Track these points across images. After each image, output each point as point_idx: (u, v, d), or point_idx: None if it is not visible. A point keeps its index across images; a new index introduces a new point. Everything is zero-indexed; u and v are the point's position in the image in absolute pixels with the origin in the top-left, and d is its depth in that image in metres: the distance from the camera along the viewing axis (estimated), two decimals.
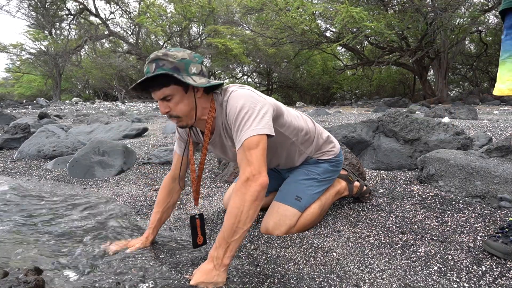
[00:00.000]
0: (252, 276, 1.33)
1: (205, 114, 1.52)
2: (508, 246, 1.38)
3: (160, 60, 1.35)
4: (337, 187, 1.98)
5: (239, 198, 1.27)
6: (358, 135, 3.16)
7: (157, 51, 1.39)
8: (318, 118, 7.62)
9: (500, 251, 1.39)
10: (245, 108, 1.38)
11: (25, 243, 1.62)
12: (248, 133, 1.34)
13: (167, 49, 1.41)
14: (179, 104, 1.42)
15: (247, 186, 1.28)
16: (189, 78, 1.37)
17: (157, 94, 1.40)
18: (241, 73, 23.39)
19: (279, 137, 1.64)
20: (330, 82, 21.34)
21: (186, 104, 1.43)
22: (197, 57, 1.44)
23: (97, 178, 3.03)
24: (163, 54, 1.37)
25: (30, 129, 4.66)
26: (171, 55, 1.36)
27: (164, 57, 1.36)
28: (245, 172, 1.30)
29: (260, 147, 1.33)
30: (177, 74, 1.35)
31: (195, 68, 1.40)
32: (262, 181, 1.29)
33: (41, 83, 23.77)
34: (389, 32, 10.86)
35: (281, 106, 1.63)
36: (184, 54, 1.39)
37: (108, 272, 1.32)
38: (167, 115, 1.45)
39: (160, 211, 1.72)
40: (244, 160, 1.32)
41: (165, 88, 1.38)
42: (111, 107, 13.10)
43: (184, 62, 1.38)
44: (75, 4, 19.75)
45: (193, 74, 1.39)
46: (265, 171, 1.32)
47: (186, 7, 17.33)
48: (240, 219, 1.26)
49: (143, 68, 1.46)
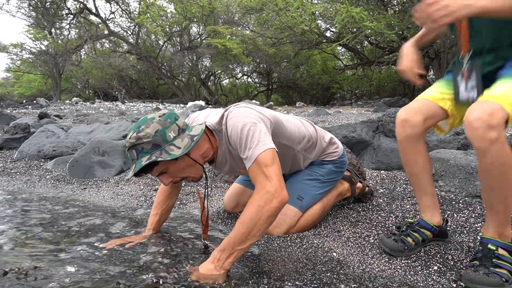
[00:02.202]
0: (252, 276, 1.33)
1: (207, 154, 1.50)
2: (396, 243, 1.51)
3: (137, 146, 1.32)
4: (340, 189, 1.97)
5: (256, 210, 1.25)
6: (358, 135, 3.16)
7: (129, 137, 1.34)
8: (318, 118, 7.61)
9: (388, 247, 1.53)
10: (247, 125, 1.36)
11: (25, 242, 1.61)
12: (259, 149, 1.31)
13: (136, 129, 1.34)
14: (177, 171, 1.41)
15: (267, 199, 1.25)
16: (173, 147, 1.33)
17: (153, 173, 1.40)
18: (241, 73, 23.38)
19: (282, 149, 1.63)
20: (330, 82, 21.30)
21: (184, 167, 1.41)
22: (168, 117, 1.37)
23: (97, 178, 3.03)
24: (136, 139, 1.31)
25: (30, 129, 4.66)
26: (144, 136, 1.31)
27: (139, 141, 1.31)
28: (265, 186, 1.27)
29: (276, 162, 1.31)
30: (159, 151, 1.31)
31: (172, 132, 1.36)
32: (283, 197, 1.27)
33: (41, 83, 23.75)
34: (389, 32, 10.85)
35: (279, 116, 1.60)
36: (155, 126, 1.33)
37: (108, 267, 1.32)
38: (173, 183, 1.46)
39: (158, 213, 1.72)
40: (261, 175, 1.29)
41: (156, 167, 1.37)
42: (111, 107, 13.09)
43: (160, 134, 1.33)
44: (75, 3, 19.75)
45: (173, 139, 1.35)
46: (285, 187, 1.30)
47: (186, 7, 17.32)
48: (252, 231, 1.25)
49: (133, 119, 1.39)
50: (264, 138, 1.34)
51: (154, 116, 1.37)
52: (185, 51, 19.91)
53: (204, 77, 21.24)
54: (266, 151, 1.31)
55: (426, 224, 1.53)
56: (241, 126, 1.36)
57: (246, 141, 1.34)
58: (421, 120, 1.44)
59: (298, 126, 1.73)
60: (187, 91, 21.01)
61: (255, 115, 1.42)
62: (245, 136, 1.35)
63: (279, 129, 1.58)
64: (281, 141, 1.61)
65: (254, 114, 1.42)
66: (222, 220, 2.02)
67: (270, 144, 1.34)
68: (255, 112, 1.44)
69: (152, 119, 1.36)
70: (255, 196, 1.28)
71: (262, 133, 1.35)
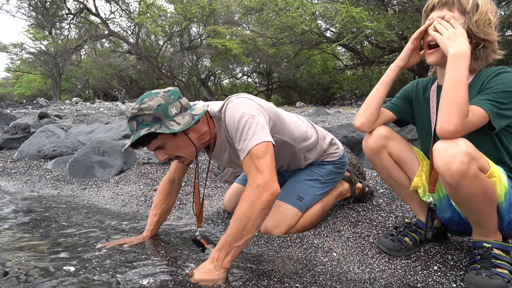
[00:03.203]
0: (252, 276, 1.33)
1: (204, 137, 1.50)
2: (393, 243, 1.52)
3: (138, 117, 1.33)
4: (340, 189, 1.97)
5: (248, 205, 1.25)
6: (358, 135, 3.16)
7: (132, 108, 1.36)
8: (318, 118, 7.61)
9: (385, 247, 1.53)
10: (244, 116, 1.36)
11: (25, 242, 1.61)
12: (253, 141, 1.32)
13: (139, 101, 1.36)
14: (173, 148, 1.42)
15: (258, 193, 1.25)
16: (173, 123, 1.35)
17: (150, 147, 1.41)
18: (241, 73, 23.39)
19: (282, 145, 1.63)
20: (330, 82, 21.31)
21: (181, 145, 1.42)
22: (172, 94, 1.39)
23: (97, 178, 3.03)
24: (138, 110, 1.33)
25: (30, 129, 4.66)
26: (146, 108, 1.33)
27: (140, 112, 1.33)
28: (256, 179, 1.28)
29: (268, 155, 1.31)
30: (159, 125, 1.33)
31: (174, 108, 1.37)
32: (274, 190, 1.27)
33: (41, 83, 23.76)
34: (389, 32, 10.85)
35: (280, 112, 1.61)
36: (158, 100, 1.35)
37: (108, 267, 1.32)
38: (168, 160, 1.45)
39: (157, 214, 1.72)
40: (253, 167, 1.30)
41: (154, 141, 1.38)
42: (111, 107, 13.09)
43: (162, 108, 1.34)
44: (75, 3, 19.75)
45: (175, 116, 1.36)
46: (276, 180, 1.30)
47: (186, 7, 17.33)
48: (246, 226, 1.25)
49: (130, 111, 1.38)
50: (261, 131, 1.34)
51: (159, 91, 1.40)
52: (185, 51, 19.92)
53: (204, 77, 21.25)
54: (260, 144, 1.31)
55: (423, 225, 1.53)
56: (239, 117, 1.37)
57: (242, 132, 1.35)
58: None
59: (299, 125, 1.73)
60: (187, 91, 21.00)
61: (255, 107, 1.42)
62: (242, 128, 1.35)
63: (280, 125, 1.58)
64: (281, 137, 1.61)
65: (254, 106, 1.42)
66: (222, 220, 2.02)
67: (265, 137, 1.34)
68: (255, 104, 1.44)
69: (157, 93, 1.38)
70: (246, 190, 1.29)
71: (259, 126, 1.35)
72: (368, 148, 1.49)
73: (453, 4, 1.30)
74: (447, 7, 1.31)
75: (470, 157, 1.14)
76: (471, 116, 1.18)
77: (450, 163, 1.14)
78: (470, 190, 1.17)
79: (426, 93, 1.49)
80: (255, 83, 25.01)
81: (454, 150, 1.14)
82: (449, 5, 1.31)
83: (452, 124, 1.15)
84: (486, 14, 1.27)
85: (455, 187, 1.17)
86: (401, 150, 1.46)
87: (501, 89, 1.21)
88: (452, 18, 1.27)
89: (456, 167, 1.13)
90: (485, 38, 1.28)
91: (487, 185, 1.18)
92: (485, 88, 1.26)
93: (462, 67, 1.18)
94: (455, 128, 1.15)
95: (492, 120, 1.19)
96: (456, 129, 1.15)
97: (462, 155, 1.13)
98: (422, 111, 1.49)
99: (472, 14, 1.27)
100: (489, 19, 1.27)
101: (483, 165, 1.19)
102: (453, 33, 1.23)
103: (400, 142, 1.47)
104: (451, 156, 1.14)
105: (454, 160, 1.13)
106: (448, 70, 1.20)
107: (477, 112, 1.19)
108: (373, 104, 1.47)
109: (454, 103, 1.16)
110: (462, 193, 1.19)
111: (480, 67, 1.33)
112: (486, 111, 1.19)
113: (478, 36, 1.28)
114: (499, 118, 1.21)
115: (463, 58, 1.19)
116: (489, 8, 1.28)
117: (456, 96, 1.16)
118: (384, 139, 1.44)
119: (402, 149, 1.46)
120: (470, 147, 1.16)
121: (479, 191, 1.18)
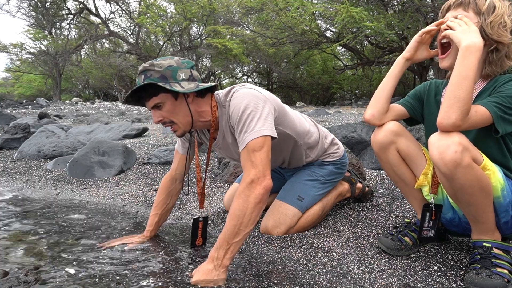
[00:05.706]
0: (252, 276, 1.33)
1: (204, 116, 1.52)
2: (393, 242, 1.52)
3: (148, 71, 1.38)
4: (340, 189, 1.97)
5: (242, 200, 1.27)
6: (358, 135, 3.16)
7: (145, 63, 1.41)
8: (318, 118, 7.61)
9: (385, 246, 1.53)
10: (248, 108, 1.38)
11: (25, 242, 1.61)
12: (252, 135, 1.33)
13: (156, 59, 1.42)
14: (170, 111, 1.43)
15: (251, 188, 1.28)
16: (177, 85, 1.37)
17: (149, 103, 1.43)
18: (241, 73, 23.39)
19: (284, 138, 1.64)
20: (330, 82, 21.32)
21: (178, 110, 1.44)
22: (186, 62, 1.44)
23: (97, 178, 3.03)
24: (149, 64, 1.39)
25: (30, 129, 4.65)
26: (157, 64, 1.38)
27: (151, 67, 1.38)
28: (249, 174, 1.30)
29: (264, 149, 1.32)
30: (163, 82, 1.36)
31: (184, 74, 1.41)
32: (266, 184, 1.29)
33: (41, 83, 23.75)
34: (389, 32, 10.84)
35: (283, 106, 1.63)
36: (171, 62, 1.40)
37: (108, 268, 1.32)
38: (161, 123, 1.46)
39: (158, 214, 1.72)
40: (248, 162, 1.32)
41: (154, 97, 1.40)
42: (111, 107, 13.09)
43: (171, 70, 1.39)
44: (75, 3, 19.74)
45: (181, 80, 1.40)
46: (269, 174, 1.32)
47: (186, 7, 17.32)
48: (242, 221, 1.26)
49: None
50: (262, 124, 1.35)
51: (174, 56, 1.45)
52: (185, 51, 19.91)
53: (204, 77, 21.24)
54: (258, 137, 1.33)
55: None
56: (243, 108, 1.38)
57: (244, 124, 1.36)
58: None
59: (302, 121, 1.75)
60: None
61: (261, 98, 1.43)
62: (244, 120, 1.37)
63: (284, 118, 1.59)
64: (284, 130, 1.61)
65: (260, 98, 1.43)
66: (222, 220, 2.02)
67: (265, 131, 1.35)
68: (261, 96, 1.44)
69: (172, 57, 1.43)
70: (240, 186, 1.31)
71: (262, 119, 1.37)
72: (376, 142, 1.47)
73: (469, 4, 1.30)
74: (462, 7, 1.31)
75: (463, 147, 1.15)
76: (473, 115, 1.19)
77: (444, 152, 1.16)
78: (464, 180, 1.17)
79: (437, 95, 1.48)
80: (255, 83, 25.02)
81: (447, 141, 1.16)
82: (464, 5, 1.31)
83: (451, 118, 1.17)
84: (502, 16, 1.26)
85: (450, 177, 1.18)
86: (409, 147, 1.45)
87: (511, 94, 1.21)
88: (466, 17, 1.27)
89: (449, 157, 1.15)
90: (498, 40, 1.27)
91: (481, 176, 1.19)
92: (496, 92, 1.26)
93: (472, 61, 1.18)
94: (454, 122, 1.17)
95: (496, 122, 1.20)
96: (455, 124, 1.17)
97: (455, 145, 1.15)
98: (431, 112, 1.49)
99: (487, 15, 1.27)
100: (505, 22, 1.26)
101: (476, 156, 1.21)
102: (466, 28, 1.23)
103: (409, 139, 1.46)
104: (445, 146, 1.16)
105: (448, 149, 1.15)
106: (457, 64, 1.20)
107: (481, 111, 1.20)
108: (383, 96, 1.46)
109: (457, 99, 1.16)
110: (457, 184, 1.19)
111: (495, 73, 1.32)
112: (490, 112, 1.19)
113: (491, 37, 1.27)
114: (504, 122, 1.21)
115: (475, 51, 1.18)
116: (507, 11, 1.28)
117: (460, 92, 1.16)
118: (394, 135, 1.44)
119: (411, 146, 1.46)
120: (464, 139, 1.17)
121: (474, 182, 1.18)
